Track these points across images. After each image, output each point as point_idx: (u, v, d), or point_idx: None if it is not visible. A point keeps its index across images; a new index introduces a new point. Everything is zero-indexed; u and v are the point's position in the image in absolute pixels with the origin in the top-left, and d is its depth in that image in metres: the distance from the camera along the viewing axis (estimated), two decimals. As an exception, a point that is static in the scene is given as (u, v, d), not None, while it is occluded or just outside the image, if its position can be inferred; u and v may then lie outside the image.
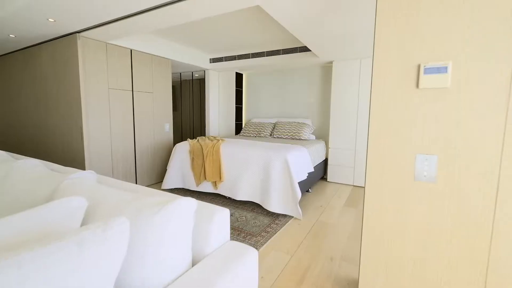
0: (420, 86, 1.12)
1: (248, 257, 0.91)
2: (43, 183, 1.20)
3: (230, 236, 2.16)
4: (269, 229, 2.33)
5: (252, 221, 2.50)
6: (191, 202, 0.85)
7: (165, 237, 0.75)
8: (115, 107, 3.15)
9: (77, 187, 1.01)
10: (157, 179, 3.81)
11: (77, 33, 2.71)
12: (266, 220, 2.53)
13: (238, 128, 5.05)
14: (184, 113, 5.81)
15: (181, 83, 5.78)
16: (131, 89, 3.34)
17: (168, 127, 3.93)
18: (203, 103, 5.32)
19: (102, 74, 2.99)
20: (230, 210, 2.75)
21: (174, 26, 3.09)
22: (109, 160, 3.13)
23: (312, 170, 3.16)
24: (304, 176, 2.83)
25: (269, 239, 2.15)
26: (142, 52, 3.44)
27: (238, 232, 2.26)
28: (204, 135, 5.07)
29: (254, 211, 2.73)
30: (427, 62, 1.11)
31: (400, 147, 1.20)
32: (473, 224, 1.07)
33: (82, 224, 0.81)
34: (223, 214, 0.98)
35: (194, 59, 4.31)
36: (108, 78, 3.06)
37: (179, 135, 5.84)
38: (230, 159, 2.94)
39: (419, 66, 1.13)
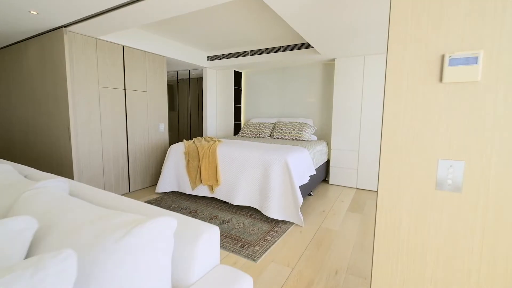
0: (444, 80, 0.96)
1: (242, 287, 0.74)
2: (6, 193, 1.04)
3: (226, 246, 2.00)
4: (268, 237, 2.16)
5: (250, 228, 2.34)
6: (169, 222, 0.69)
7: (132, 270, 0.58)
8: (106, 107, 2.99)
9: (37, 200, 0.84)
10: (151, 182, 3.64)
11: (63, 27, 2.54)
12: (265, 227, 2.36)
13: (237, 129, 4.89)
14: (182, 113, 5.64)
15: (178, 82, 5.61)
16: (123, 88, 3.17)
17: (163, 127, 3.77)
18: (201, 102, 5.16)
19: (91, 72, 2.82)
20: (227, 216, 2.59)
21: (167, 19, 2.93)
22: (100, 162, 2.96)
23: (314, 172, 3.00)
24: (305, 180, 2.67)
25: (268, 249, 1.99)
26: (135, 48, 3.27)
27: (235, 241, 2.09)
28: (202, 136, 4.90)
29: (252, 217, 2.56)
30: (452, 52, 0.94)
31: (419, 151, 1.04)
32: (509, 243, 0.91)
33: (29, 253, 0.64)
34: (211, 233, 0.81)
35: (190, 56, 4.15)
36: (98, 76, 2.89)
37: (176, 136, 5.68)
38: (227, 162, 2.78)
39: (442, 57, 0.96)
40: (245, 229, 2.32)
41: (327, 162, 3.97)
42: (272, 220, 2.50)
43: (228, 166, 2.76)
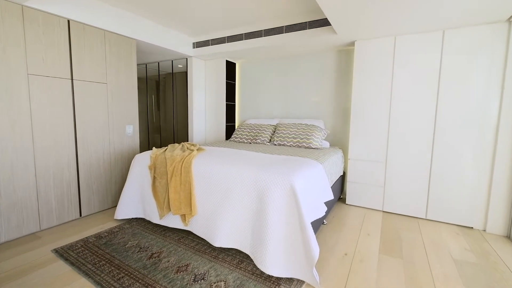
0: None
1: None
2: None
3: None
4: (263, 317, 1.31)
5: (236, 292, 1.48)
6: None
7: None
8: (40, 102, 2.15)
9: None
10: (114, 202, 2.80)
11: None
12: (259, 290, 1.51)
13: (230, 131, 4.03)
14: (168, 113, 4.80)
15: (159, 76, 4.78)
16: (69, 77, 2.33)
17: (131, 130, 2.92)
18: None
19: (14, 53, 1.99)
20: (203, 265, 1.73)
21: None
22: (30, 179, 2.12)
23: (331, 197, 2.13)
24: (320, 212, 1.81)
25: None
26: (89, 25, 2.43)
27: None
28: (187, 140, 4.05)
29: (240, 268, 1.70)
30: None
31: None
32: None
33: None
34: None
35: (172, 42, 3.31)
36: (27, 59, 2.05)
37: (158, 141, 4.82)
38: (206, 182, 1.93)
39: None
40: (227, 295, 1.46)
41: (342, 176, 3.11)
42: (271, 276, 1.64)
43: (208, 189, 1.91)
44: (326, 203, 2.22)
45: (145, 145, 4.78)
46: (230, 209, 1.78)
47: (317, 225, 2.03)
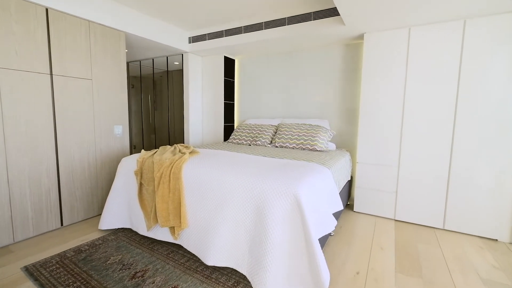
0: None
1: None
2: None
3: None
4: None
5: (230, 325, 1.24)
6: None
7: None
8: (13, 99, 1.92)
9: None
10: (100, 210, 2.56)
11: None
12: (257, 322, 1.26)
13: (228, 132, 3.79)
14: (165, 113, 4.57)
15: (157, 76, 4.54)
16: (48, 72, 2.10)
17: (120, 131, 2.69)
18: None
19: (-18, 43, 1.76)
20: (193, 287, 1.49)
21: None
22: (3, 186, 1.89)
23: (341, 207, 1.89)
24: (329, 226, 1.56)
25: None
26: (70, 14, 2.20)
27: None
28: (183, 141, 3.82)
29: (236, 292, 1.46)
30: None
31: None
32: None
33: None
34: None
35: (165, 36, 3.08)
36: (-3, 51, 1.83)
37: (155, 143, 4.59)
38: (198, 190, 1.69)
39: None
40: (220, 328, 1.22)
41: (349, 181, 2.86)
42: (272, 300, 1.40)
43: (200, 198, 1.67)
44: (334, 215, 1.98)
45: (140, 147, 4.55)
46: (225, 222, 1.54)
47: (323, 237, 1.78)
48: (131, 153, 4.36)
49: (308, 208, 1.36)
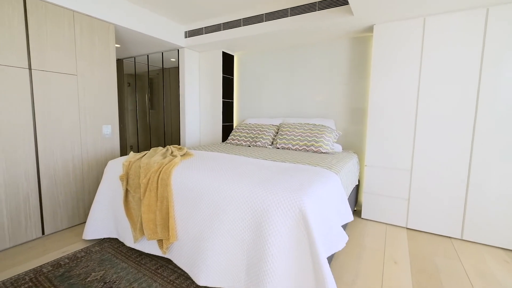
0: None
1: None
2: None
3: None
4: None
5: None
6: None
7: None
8: (-15, 96, 1.72)
9: None
10: (86, 216, 2.37)
11: None
12: None
13: (227, 132, 3.59)
14: (161, 113, 4.37)
15: (154, 73, 4.34)
16: (26, 66, 1.90)
17: (109, 131, 2.49)
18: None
19: None
20: (182, 313, 1.29)
21: None
22: (-27, 194, 1.70)
23: (351, 218, 1.68)
24: (340, 243, 1.35)
25: None
26: (51, 3, 2.00)
27: None
28: (179, 142, 3.62)
29: (232, 319, 1.26)
30: None
31: None
32: None
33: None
34: None
35: (159, 29, 2.88)
36: (-34, 41, 1.63)
37: (148, 143, 4.39)
38: (189, 199, 1.49)
39: None
40: None
41: (357, 185, 2.65)
42: (273, 330, 1.19)
43: (192, 208, 1.47)
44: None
45: (135, 149, 4.35)
46: (219, 237, 1.34)
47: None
48: (125, 154, 4.17)
49: (315, 223, 1.15)
